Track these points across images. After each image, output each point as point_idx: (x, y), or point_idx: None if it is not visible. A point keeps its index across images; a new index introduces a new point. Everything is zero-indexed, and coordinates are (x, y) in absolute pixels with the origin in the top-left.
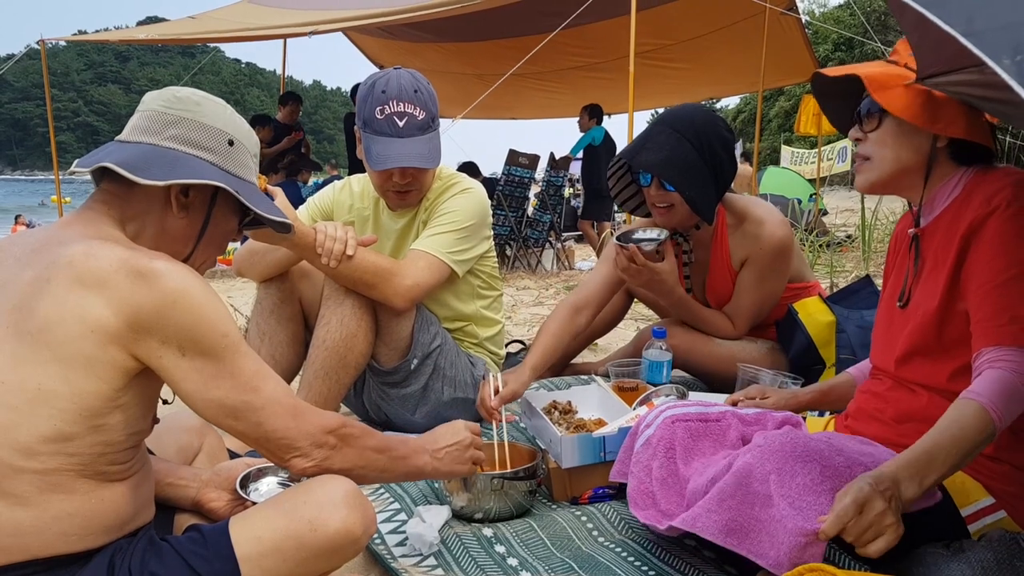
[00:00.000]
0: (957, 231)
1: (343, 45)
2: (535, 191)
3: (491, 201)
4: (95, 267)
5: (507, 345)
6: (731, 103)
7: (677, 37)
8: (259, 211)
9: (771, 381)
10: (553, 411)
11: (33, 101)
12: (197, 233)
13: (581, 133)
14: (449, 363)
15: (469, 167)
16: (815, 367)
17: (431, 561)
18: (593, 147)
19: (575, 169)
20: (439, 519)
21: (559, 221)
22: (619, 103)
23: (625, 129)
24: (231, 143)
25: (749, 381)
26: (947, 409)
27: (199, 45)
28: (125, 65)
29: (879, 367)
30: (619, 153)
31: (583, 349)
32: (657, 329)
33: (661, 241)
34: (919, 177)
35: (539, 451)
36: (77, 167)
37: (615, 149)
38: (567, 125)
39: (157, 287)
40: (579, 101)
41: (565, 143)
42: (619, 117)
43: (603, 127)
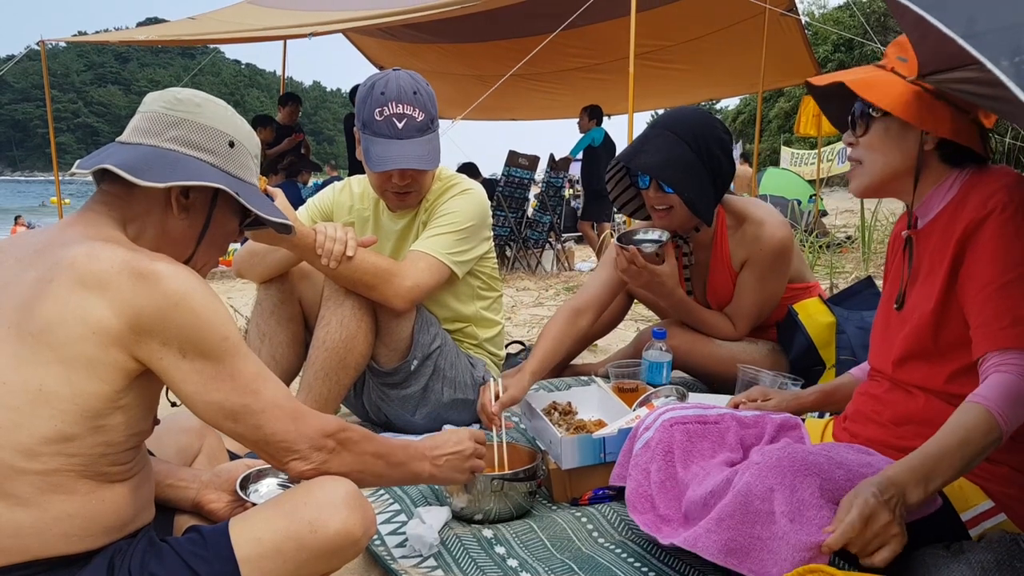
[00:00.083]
0: (953, 234)
1: (343, 46)
2: (535, 192)
3: (491, 202)
4: (97, 268)
5: (507, 346)
6: (731, 104)
7: (677, 38)
8: (260, 212)
9: (771, 382)
10: (553, 412)
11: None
12: (198, 234)
13: (581, 134)
14: (449, 364)
15: (469, 168)
16: (815, 368)
17: (431, 562)
18: (593, 148)
19: (575, 170)
20: (439, 520)
21: (559, 222)
22: (619, 104)
23: (625, 130)
24: (232, 144)
25: (749, 382)
26: (948, 412)
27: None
28: (125, 66)
29: (877, 369)
30: (617, 156)
31: (583, 350)
32: (657, 330)
33: (662, 243)
34: (910, 180)
35: (539, 452)
36: (78, 168)
37: (615, 150)
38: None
39: (158, 289)
40: (579, 102)
41: (565, 144)
42: (619, 118)
43: (603, 128)
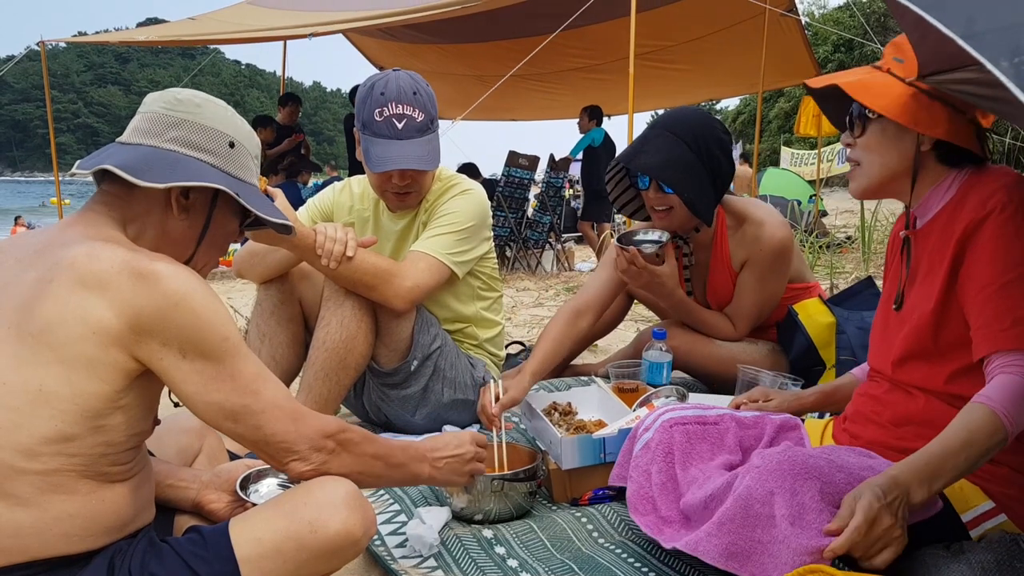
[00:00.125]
0: (952, 234)
1: (343, 46)
2: (535, 192)
3: (491, 202)
4: (97, 269)
5: (507, 346)
6: (731, 104)
7: (677, 38)
8: (260, 213)
9: (771, 382)
10: (553, 412)
11: (33, 102)
12: (198, 235)
13: (581, 134)
14: (449, 364)
15: (469, 168)
16: (815, 368)
17: (431, 562)
18: (593, 148)
19: (575, 170)
20: (439, 520)
21: (559, 222)
22: (619, 104)
23: (625, 130)
24: (232, 145)
25: (749, 382)
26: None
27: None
28: (125, 66)
29: (876, 369)
30: (616, 157)
31: (583, 351)
32: (657, 330)
33: (662, 244)
34: (908, 181)
35: (539, 452)
36: (78, 169)
37: (615, 150)
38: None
39: (159, 289)
40: (579, 102)
41: (565, 144)
42: (619, 118)
43: (603, 128)
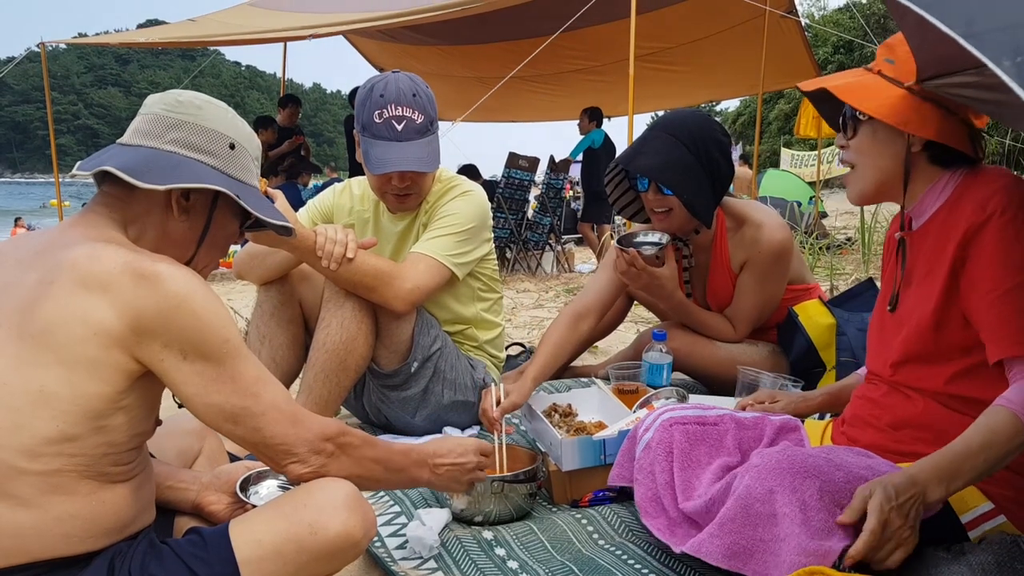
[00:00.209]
0: (951, 236)
1: (343, 48)
2: (535, 194)
3: (491, 204)
4: (98, 270)
5: (507, 348)
6: (731, 106)
7: (677, 40)
8: (260, 214)
9: (771, 384)
10: (553, 414)
11: (33, 104)
12: (198, 236)
13: (581, 136)
14: (449, 366)
15: (469, 170)
16: (815, 370)
17: (431, 564)
18: (593, 150)
19: (575, 172)
20: (439, 522)
21: (559, 224)
22: (619, 106)
23: (625, 132)
24: (232, 147)
25: (749, 384)
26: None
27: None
28: (125, 68)
29: (874, 372)
30: (615, 159)
31: (583, 352)
32: (657, 332)
33: (662, 246)
34: (901, 183)
35: (539, 454)
36: (78, 170)
37: (615, 152)
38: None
39: (160, 290)
40: (579, 104)
41: (565, 146)
42: (619, 120)
43: (603, 130)
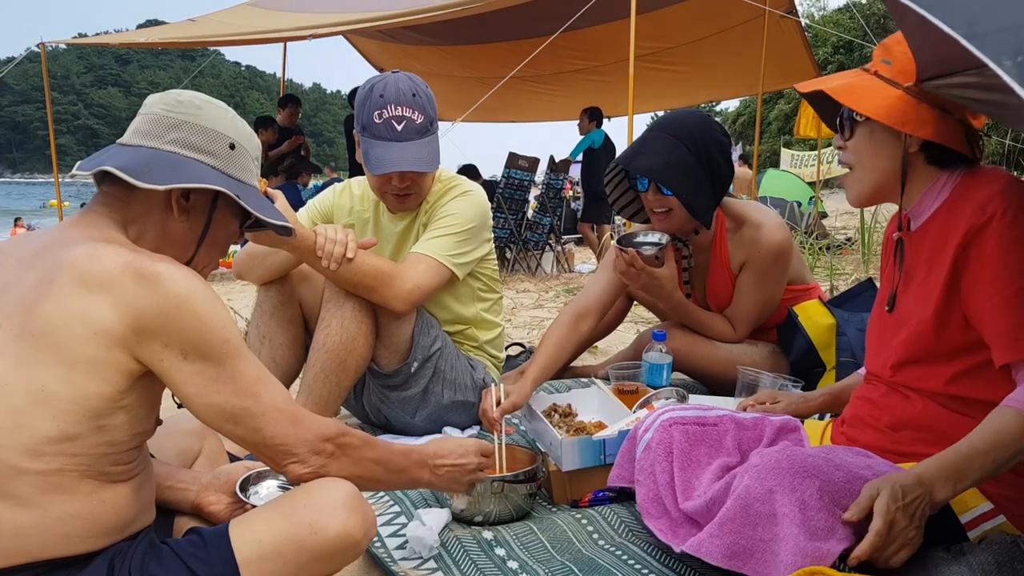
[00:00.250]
0: (950, 238)
1: (343, 48)
2: (535, 194)
3: (491, 204)
4: (99, 269)
5: (507, 348)
6: (731, 106)
7: (677, 40)
8: (260, 214)
9: (771, 384)
10: (553, 414)
11: (33, 104)
12: (198, 236)
13: (581, 136)
14: (449, 366)
15: (469, 170)
16: (815, 370)
17: (431, 564)
18: (593, 150)
19: (575, 172)
20: (439, 522)
21: (559, 224)
22: (619, 106)
23: (625, 132)
24: (232, 147)
25: (749, 384)
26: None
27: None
28: (125, 68)
29: (873, 372)
30: (615, 159)
31: (583, 352)
32: (657, 332)
33: (662, 246)
34: (899, 183)
35: (539, 454)
36: (78, 170)
37: (615, 152)
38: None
39: (160, 290)
40: (579, 104)
41: (565, 146)
42: (619, 120)
43: (603, 130)
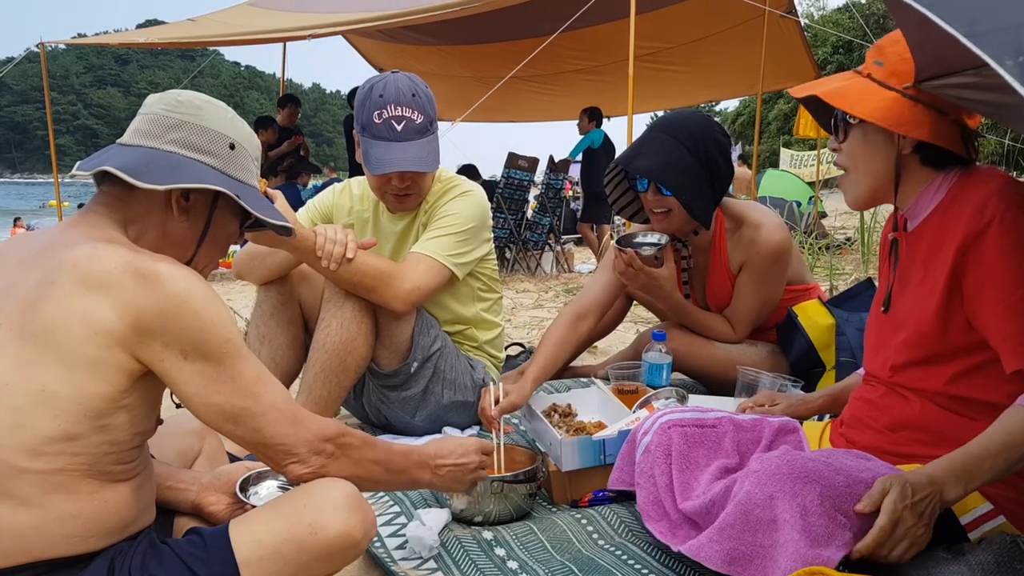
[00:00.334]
0: (948, 239)
1: (342, 48)
2: (534, 194)
3: (490, 204)
4: (99, 269)
5: (507, 348)
6: (730, 106)
7: (676, 40)
8: (260, 214)
9: (771, 384)
10: (553, 414)
11: (32, 104)
12: (198, 236)
13: (580, 136)
14: (449, 366)
15: (469, 170)
16: (815, 370)
17: (431, 564)
18: (592, 150)
19: (574, 172)
20: (439, 522)
21: (558, 224)
22: (618, 106)
23: (624, 132)
24: (232, 147)
25: (749, 384)
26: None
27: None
28: (124, 68)
29: (871, 373)
30: (615, 160)
31: (583, 352)
32: (657, 332)
33: (661, 247)
34: (893, 184)
35: (539, 454)
36: (78, 170)
37: (614, 152)
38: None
39: (161, 290)
40: (578, 104)
41: (564, 146)
42: (618, 120)
43: (602, 130)
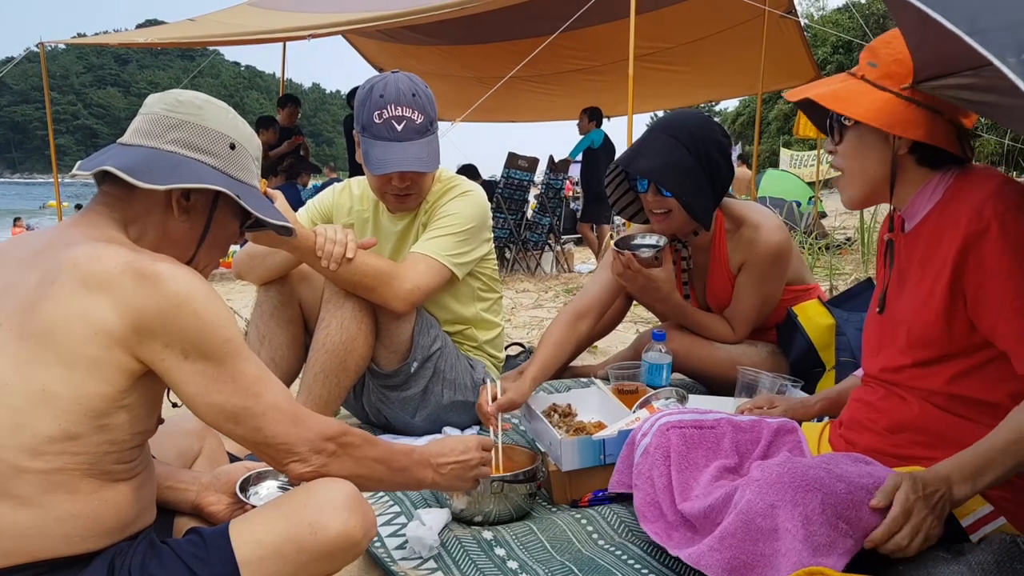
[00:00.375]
0: (946, 241)
1: (342, 48)
2: (534, 194)
3: (490, 204)
4: (99, 269)
5: (507, 348)
6: (730, 106)
7: (676, 40)
8: (260, 214)
9: (771, 384)
10: (553, 414)
11: (32, 104)
12: (199, 236)
13: (580, 136)
14: (449, 366)
15: (469, 170)
16: (815, 370)
17: (431, 564)
18: (592, 150)
19: (574, 172)
20: (439, 522)
21: (558, 224)
22: (618, 106)
23: (624, 132)
24: (233, 147)
25: (749, 384)
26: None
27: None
28: (124, 68)
29: (870, 374)
30: (616, 160)
31: (583, 352)
32: (657, 332)
33: (659, 248)
34: (888, 185)
35: (539, 454)
36: (78, 170)
37: (614, 152)
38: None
39: (161, 290)
40: (578, 104)
41: (564, 146)
42: (618, 120)
43: (602, 130)
